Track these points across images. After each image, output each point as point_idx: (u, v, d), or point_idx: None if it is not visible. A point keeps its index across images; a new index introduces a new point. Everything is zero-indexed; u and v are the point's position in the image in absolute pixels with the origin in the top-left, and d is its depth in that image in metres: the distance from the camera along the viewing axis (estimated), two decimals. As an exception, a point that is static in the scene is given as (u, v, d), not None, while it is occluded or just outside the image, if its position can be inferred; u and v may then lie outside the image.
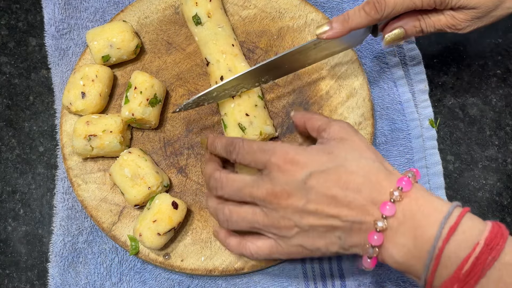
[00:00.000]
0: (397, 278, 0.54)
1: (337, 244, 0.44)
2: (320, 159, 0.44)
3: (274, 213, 0.44)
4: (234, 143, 0.48)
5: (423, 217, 0.40)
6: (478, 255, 0.37)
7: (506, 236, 0.38)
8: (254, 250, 0.47)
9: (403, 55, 0.62)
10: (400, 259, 0.41)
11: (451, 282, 0.38)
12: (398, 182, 0.42)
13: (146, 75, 0.56)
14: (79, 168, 0.57)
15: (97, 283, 0.55)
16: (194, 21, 0.58)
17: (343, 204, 0.42)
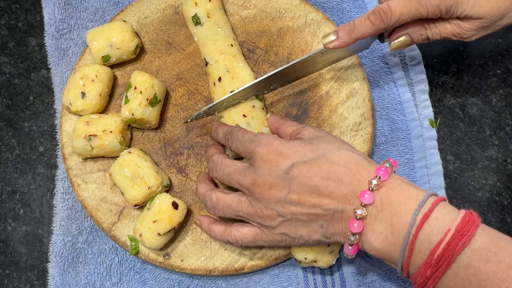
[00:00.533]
0: (397, 278, 0.54)
1: (320, 232, 0.45)
2: (302, 149, 0.45)
3: (257, 203, 0.46)
4: (232, 131, 0.50)
5: (399, 205, 0.42)
6: (449, 241, 0.39)
7: (478, 224, 0.40)
8: (239, 237, 0.48)
9: (403, 55, 0.62)
10: (378, 246, 0.42)
11: (424, 268, 0.40)
12: (376, 172, 0.43)
13: (146, 75, 0.56)
14: (79, 168, 0.57)
15: (97, 283, 0.55)
16: (194, 21, 0.58)
17: (325, 194, 0.44)
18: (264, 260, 0.53)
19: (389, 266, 0.54)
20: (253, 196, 0.46)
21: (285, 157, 0.45)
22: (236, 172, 0.47)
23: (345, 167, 0.44)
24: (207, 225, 0.51)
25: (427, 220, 0.40)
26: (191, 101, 0.59)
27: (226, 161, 0.49)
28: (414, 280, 0.41)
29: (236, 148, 0.49)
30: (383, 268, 0.54)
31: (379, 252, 0.43)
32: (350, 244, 0.44)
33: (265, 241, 0.48)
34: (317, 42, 0.60)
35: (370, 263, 0.55)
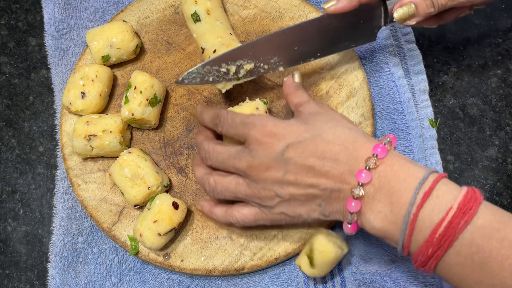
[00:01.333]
0: (397, 278, 0.54)
1: (318, 211, 0.45)
2: (297, 129, 0.45)
3: (255, 184, 0.46)
4: (219, 115, 0.49)
5: (398, 183, 0.41)
6: (451, 219, 0.38)
7: (480, 201, 0.39)
8: (240, 218, 0.49)
9: (403, 55, 0.62)
10: (377, 225, 0.42)
11: (426, 246, 0.39)
12: (374, 149, 0.42)
13: (146, 75, 0.55)
14: (79, 168, 0.57)
15: (97, 283, 0.55)
16: (193, 18, 0.58)
17: (321, 174, 0.43)
18: (264, 260, 0.53)
19: (389, 266, 0.54)
20: (250, 178, 0.46)
21: (280, 139, 0.45)
22: (230, 157, 0.47)
23: (341, 146, 0.43)
24: (209, 209, 0.52)
25: (428, 198, 0.40)
26: (191, 101, 0.59)
27: (217, 148, 0.48)
28: (416, 258, 0.41)
29: (227, 132, 0.49)
30: (383, 268, 0.54)
31: (378, 231, 0.42)
32: (349, 222, 0.44)
33: (266, 220, 0.48)
34: (317, 42, 0.60)
35: (370, 264, 0.55)
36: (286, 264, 0.55)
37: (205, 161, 0.50)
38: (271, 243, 0.54)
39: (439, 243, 0.39)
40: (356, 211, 0.42)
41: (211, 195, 0.50)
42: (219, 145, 0.49)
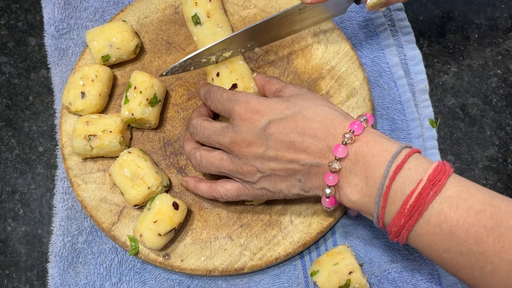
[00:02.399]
0: (395, 278, 0.54)
1: (298, 187, 0.47)
2: (279, 107, 0.47)
3: (237, 160, 0.48)
4: (210, 91, 0.52)
5: (372, 158, 0.43)
6: (421, 190, 0.40)
7: (449, 174, 0.41)
8: (223, 192, 0.51)
9: (403, 54, 0.62)
10: (353, 198, 0.44)
11: (398, 217, 0.41)
12: (350, 126, 0.44)
13: (146, 75, 0.55)
14: (79, 168, 0.57)
15: (96, 283, 0.55)
16: (194, 21, 0.58)
17: (301, 149, 0.45)
18: (264, 260, 0.53)
19: (388, 267, 0.54)
20: (233, 154, 0.48)
21: (262, 115, 0.46)
22: (215, 133, 0.49)
23: (320, 123, 0.45)
24: (193, 184, 0.54)
25: (400, 171, 0.41)
26: (191, 101, 0.59)
27: (204, 123, 0.50)
28: (390, 229, 0.43)
29: (215, 107, 0.51)
30: (381, 269, 0.54)
31: (354, 204, 0.44)
32: (327, 196, 0.45)
33: (248, 195, 0.50)
34: (317, 42, 0.60)
35: (369, 265, 0.55)
36: (286, 264, 0.55)
37: (193, 136, 0.52)
38: (271, 243, 0.54)
39: (410, 214, 0.40)
40: (333, 184, 0.44)
41: (197, 169, 0.52)
42: (206, 121, 0.51)
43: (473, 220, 0.39)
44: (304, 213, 0.54)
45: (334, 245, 0.55)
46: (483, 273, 0.38)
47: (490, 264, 0.38)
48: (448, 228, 0.39)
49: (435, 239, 0.40)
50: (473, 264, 0.39)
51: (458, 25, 0.65)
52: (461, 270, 0.40)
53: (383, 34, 0.62)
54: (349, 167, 0.44)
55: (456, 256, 0.40)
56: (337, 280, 0.50)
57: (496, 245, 0.37)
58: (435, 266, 0.54)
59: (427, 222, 0.40)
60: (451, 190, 0.40)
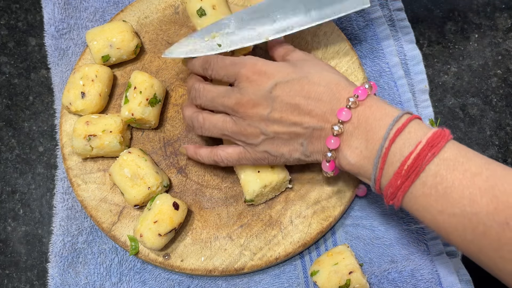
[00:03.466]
0: (394, 279, 0.54)
1: (300, 151, 0.48)
2: (286, 70, 0.47)
3: (241, 121, 0.48)
4: (209, 59, 0.51)
5: (374, 121, 0.43)
6: (419, 151, 0.40)
7: (448, 138, 0.41)
8: (224, 156, 0.51)
9: (404, 54, 0.62)
10: (353, 160, 0.44)
11: (395, 178, 0.41)
12: (355, 91, 0.45)
13: (146, 74, 0.55)
14: (79, 168, 0.57)
15: (97, 283, 0.55)
16: (198, 13, 0.57)
17: (305, 112, 0.46)
18: (264, 260, 0.53)
19: (388, 267, 0.54)
20: (238, 115, 0.48)
21: (269, 77, 0.47)
22: (219, 95, 0.49)
23: (325, 87, 0.46)
24: (193, 150, 0.54)
25: (400, 133, 0.42)
26: (191, 101, 0.59)
27: (208, 87, 0.50)
28: (386, 192, 0.43)
29: (217, 74, 0.50)
30: (381, 269, 0.54)
31: (353, 166, 0.45)
32: (327, 160, 0.46)
33: (249, 159, 0.50)
34: (317, 42, 0.60)
35: (369, 265, 0.55)
36: (286, 265, 0.55)
37: (195, 100, 0.51)
38: (271, 243, 0.54)
39: (407, 174, 0.41)
40: (335, 148, 0.45)
41: (199, 132, 0.52)
42: (209, 85, 0.51)
43: (469, 182, 0.39)
44: (304, 213, 0.54)
45: (334, 245, 0.55)
46: (475, 235, 0.39)
47: (482, 225, 0.38)
48: (444, 189, 0.40)
49: (430, 201, 0.40)
50: (465, 226, 0.39)
51: (458, 25, 0.65)
52: (454, 233, 0.40)
53: (383, 34, 0.62)
54: (350, 131, 0.44)
55: (449, 218, 0.40)
56: (337, 280, 0.50)
57: (490, 206, 0.38)
58: (435, 266, 0.54)
59: (423, 183, 0.40)
60: (449, 153, 0.40)
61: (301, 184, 0.56)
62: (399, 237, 0.55)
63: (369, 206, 0.57)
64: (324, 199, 0.55)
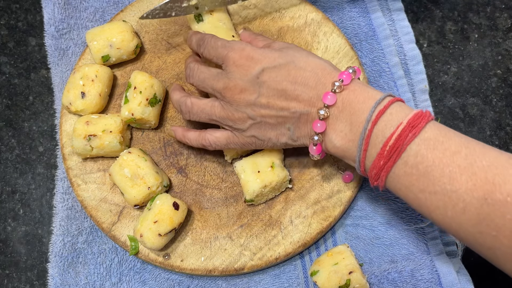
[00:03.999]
0: (395, 279, 0.54)
1: (287, 135, 0.49)
2: (272, 55, 0.48)
3: (229, 106, 0.49)
4: (204, 38, 0.52)
5: (358, 104, 0.44)
6: (400, 132, 0.41)
7: (429, 119, 0.42)
8: (213, 140, 0.52)
9: (403, 55, 0.62)
10: (338, 143, 0.45)
11: (378, 159, 0.43)
12: (340, 76, 0.45)
13: (146, 74, 0.55)
14: (79, 168, 0.57)
15: (97, 283, 0.55)
16: (196, 19, 0.58)
17: (292, 98, 0.46)
18: (264, 260, 0.53)
19: (388, 267, 0.54)
20: (225, 100, 0.49)
21: (256, 62, 0.47)
22: (210, 77, 0.50)
23: (311, 72, 0.47)
24: (182, 133, 0.54)
25: (382, 115, 0.43)
26: (191, 101, 0.59)
27: (201, 67, 0.51)
28: (370, 173, 0.44)
29: (208, 53, 0.51)
30: (381, 269, 0.54)
31: (339, 149, 0.46)
32: (314, 144, 0.47)
33: (237, 143, 0.51)
34: (317, 42, 0.60)
35: (369, 265, 0.55)
36: (286, 265, 0.55)
37: (188, 78, 0.52)
38: (271, 243, 0.54)
39: (389, 155, 0.42)
40: (321, 131, 0.46)
41: (187, 117, 0.52)
42: (203, 66, 0.52)
43: (448, 161, 0.40)
44: (304, 213, 0.54)
45: (334, 245, 0.55)
46: (455, 212, 0.40)
47: (462, 202, 0.39)
48: (424, 168, 0.40)
49: (411, 180, 0.41)
50: (446, 203, 0.40)
51: (458, 25, 0.65)
52: (435, 211, 0.41)
53: (383, 34, 0.62)
54: (336, 114, 0.45)
55: (430, 196, 0.41)
56: (337, 280, 0.50)
57: (469, 183, 0.39)
58: (435, 266, 0.54)
59: (405, 163, 0.41)
60: (429, 133, 0.41)
61: (301, 184, 0.56)
62: (399, 237, 0.55)
63: (369, 206, 0.57)
64: (324, 199, 0.55)
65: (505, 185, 0.37)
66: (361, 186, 0.57)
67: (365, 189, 0.57)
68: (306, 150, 0.50)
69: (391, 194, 0.57)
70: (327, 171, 0.56)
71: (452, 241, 0.55)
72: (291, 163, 0.57)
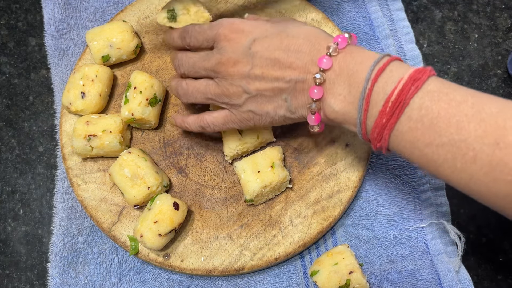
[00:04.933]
0: (395, 278, 0.54)
1: (284, 107, 0.48)
2: (263, 26, 0.48)
3: (223, 82, 0.48)
4: (187, 29, 0.52)
5: (356, 65, 0.43)
6: (402, 87, 0.40)
7: (430, 74, 0.41)
8: (211, 121, 0.51)
9: (403, 54, 0.62)
10: (337, 107, 0.44)
11: (380, 117, 0.41)
12: (335, 40, 0.45)
13: (146, 74, 0.55)
14: (79, 168, 0.57)
15: (97, 283, 0.55)
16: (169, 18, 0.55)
17: (286, 66, 0.46)
18: (264, 260, 0.53)
19: (388, 267, 0.54)
20: (219, 76, 0.48)
21: (247, 34, 0.47)
22: (200, 59, 0.50)
23: (304, 39, 0.46)
24: (181, 119, 0.54)
25: (382, 73, 0.42)
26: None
27: (189, 53, 0.51)
28: (372, 135, 0.42)
29: (196, 40, 0.51)
30: (381, 269, 0.54)
31: (338, 114, 0.44)
32: (312, 112, 0.46)
33: (235, 121, 0.50)
34: (317, 42, 0.60)
35: (369, 265, 0.55)
36: (286, 265, 0.55)
37: (178, 69, 0.52)
38: (271, 243, 0.54)
39: (392, 111, 0.40)
40: (319, 98, 0.45)
41: (184, 99, 0.52)
42: (190, 52, 0.52)
43: (454, 110, 0.38)
44: (304, 213, 0.54)
45: (334, 245, 0.55)
46: (465, 162, 0.38)
47: (472, 151, 0.37)
48: (430, 120, 0.39)
49: (416, 135, 0.40)
50: (455, 155, 0.38)
51: (458, 25, 0.65)
52: (444, 165, 0.39)
53: (383, 34, 0.62)
54: (333, 78, 0.44)
55: (438, 150, 0.39)
56: (337, 280, 0.50)
57: (478, 130, 0.37)
58: (435, 266, 0.54)
59: (409, 118, 0.40)
60: (432, 86, 0.40)
61: (301, 184, 0.56)
62: (399, 237, 0.55)
63: (369, 206, 0.57)
64: (324, 199, 0.55)
65: None
66: (361, 186, 0.57)
67: (365, 189, 0.57)
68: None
69: (391, 194, 0.57)
70: (327, 171, 0.56)
71: (452, 241, 0.55)
72: (291, 163, 0.57)
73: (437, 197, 0.56)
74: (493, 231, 0.57)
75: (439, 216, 0.56)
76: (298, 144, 0.57)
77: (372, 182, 0.57)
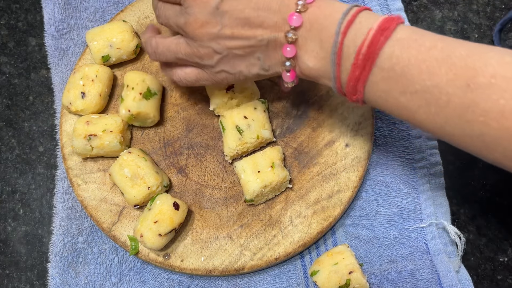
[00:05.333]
0: (394, 278, 0.54)
1: (258, 65, 0.47)
2: None
3: (193, 42, 0.47)
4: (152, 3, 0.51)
5: (325, 20, 0.43)
6: (371, 38, 0.40)
7: (399, 22, 0.41)
8: (183, 76, 0.51)
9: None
10: (311, 63, 0.44)
11: (353, 70, 0.41)
12: None
13: (136, 72, 0.56)
14: (79, 168, 0.57)
15: (97, 283, 0.55)
16: None
17: (257, 25, 0.45)
18: (264, 260, 0.53)
19: (388, 267, 0.54)
20: (188, 36, 0.47)
21: None
22: (173, 14, 0.48)
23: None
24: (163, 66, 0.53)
25: (351, 25, 0.41)
26: (191, 100, 0.59)
27: (167, 5, 0.49)
28: (348, 88, 0.42)
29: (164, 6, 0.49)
30: (381, 269, 0.54)
31: (312, 70, 0.44)
32: (287, 70, 0.45)
33: (207, 80, 0.50)
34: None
35: (369, 265, 0.55)
36: (286, 264, 0.55)
37: (158, 18, 0.51)
38: (271, 243, 0.54)
39: (363, 63, 0.40)
40: (292, 56, 0.44)
41: (153, 57, 0.51)
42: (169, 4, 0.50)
43: (424, 56, 0.38)
44: (304, 213, 0.54)
45: (334, 245, 0.55)
46: (439, 106, 0.38)
47: (445, 95, 0.38)
48: (401, 69, 0.39)
49: (390, 84, 0.40)
50: (428, 100, 0.39)
51: (458, 25, 0.65)
52: (418, 111, 0.40)
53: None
54: (304, 35, 0.43)
55: (412, 97, 0.39)
56: (337, 280, 0.50)
57: (449, 74, 0.37)
58: (435, 266, 0.54)
59: (381, 68, 0.40)
60: (401, 33, 0.40)
61: (301, 184, 0.56)
62: (399, 237, 0.55)
63: (369, 206, 0.57)
64: (324, 199, 0.55)
65: (487, 68, 0.36)
66: (361, 186, 0.57)
67: (365, 189, 0.57)
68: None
69: (391, 194, 0.57)
70: (327, 171, 0.56)
71: (452, 241, 0.55)
72: (291, 163, 0.57)
73: (437, 197, 0.56)
74: (493, 231, 0.57)
75: (439, 216, 0.56)
76: (298, 144, 0.57)
77: (372, 182, 0.57)
